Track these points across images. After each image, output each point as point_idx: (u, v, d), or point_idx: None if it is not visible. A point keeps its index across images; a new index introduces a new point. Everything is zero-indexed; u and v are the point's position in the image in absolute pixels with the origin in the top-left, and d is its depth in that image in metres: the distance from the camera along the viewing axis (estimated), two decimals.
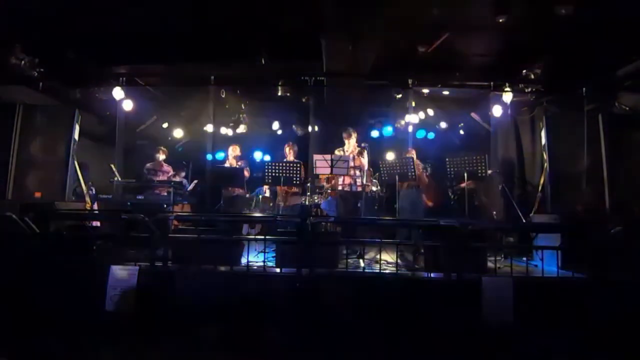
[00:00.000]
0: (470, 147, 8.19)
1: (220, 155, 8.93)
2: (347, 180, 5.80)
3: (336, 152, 5.85)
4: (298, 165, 5.81)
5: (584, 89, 5.74)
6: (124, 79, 6.17)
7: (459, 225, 3.95)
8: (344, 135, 5.96)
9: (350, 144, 5.89)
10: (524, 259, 4.59)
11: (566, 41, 5.37)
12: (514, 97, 6.30)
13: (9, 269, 3.92)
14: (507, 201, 6.44)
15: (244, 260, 4.22)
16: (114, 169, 6.38)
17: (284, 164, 5.80)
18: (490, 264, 4.23)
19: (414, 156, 6.07)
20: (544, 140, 6.16)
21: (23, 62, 5.46)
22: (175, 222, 5.61)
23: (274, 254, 4.51)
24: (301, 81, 6.13)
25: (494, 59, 6.33)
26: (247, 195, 7.10)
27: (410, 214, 5.92)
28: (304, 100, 7.83)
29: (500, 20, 4.60)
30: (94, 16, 5.09)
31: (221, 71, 6.42)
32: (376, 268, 4.25)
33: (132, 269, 3.80)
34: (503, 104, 6.47)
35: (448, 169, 5.63)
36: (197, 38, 5.69)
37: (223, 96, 7.60)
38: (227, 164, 6.88)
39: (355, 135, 5.96)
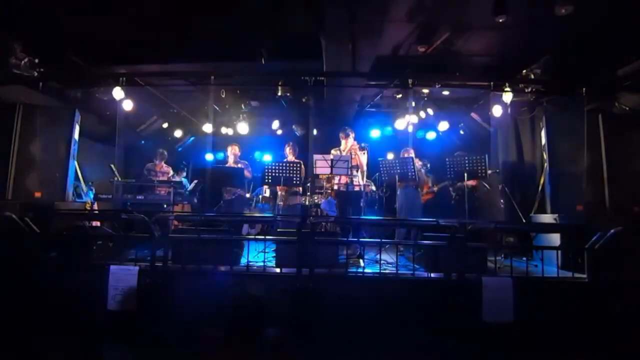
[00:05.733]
0: (470, 147, 8.19)
1: (220, 155, 8.93)
2: (344, 179, 5.81)
3: (332, 151, 5.85)
4: (298, 165, 5.81)
5: (584, 89, 5.73)
6: (124, 79, 6.15)
7: (459, 225, 3.95)
8: (342, 134, 5.97)
9: (348, 144, 5.89)
10: (524, 259, 4.60)
11: (566, 41, 5.36)
12: (514, 97, 6.28)
13: (9, 269, 3.92)
14: (507, 201, 6.43)
15: (243, 260, 4.22)
16: (114, 169, 6.37)
17: (284, 164, 5.80)
18: (490, 264, 4.23)
19: (413, 155, 6.07)
20: (544, 140, 6.15)
21: (23, 62, 5.45)
22: (175, 222, 5.61)
23: (274, 254, 4.51)
24: (301, 81, 6.12)
25: (494, 59, 6.32)
26: (247, 195, 7.08)
27: (408, 212, 5.92)
28: (304, 100, 7.82)
29: (500, 20, 4.60)
30: (94, 16, 5.09)
31: (221, 71, 6.41)
32: (376, 268, 4.25)
33: (132, 269, 3.81)
34: (503, 104, 6.46)
35: (448, 169, 5.63)
36: (197, 38, 5.69)
37: (223, 96, 7.60)
38: (227, 165, 6.87)
39: (353, 135, 5.96)
